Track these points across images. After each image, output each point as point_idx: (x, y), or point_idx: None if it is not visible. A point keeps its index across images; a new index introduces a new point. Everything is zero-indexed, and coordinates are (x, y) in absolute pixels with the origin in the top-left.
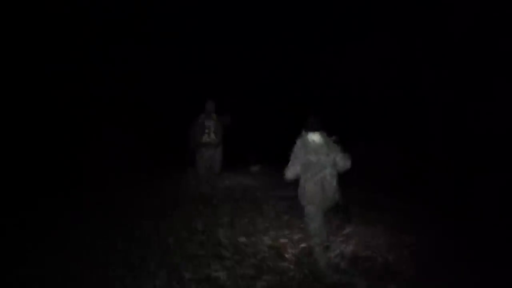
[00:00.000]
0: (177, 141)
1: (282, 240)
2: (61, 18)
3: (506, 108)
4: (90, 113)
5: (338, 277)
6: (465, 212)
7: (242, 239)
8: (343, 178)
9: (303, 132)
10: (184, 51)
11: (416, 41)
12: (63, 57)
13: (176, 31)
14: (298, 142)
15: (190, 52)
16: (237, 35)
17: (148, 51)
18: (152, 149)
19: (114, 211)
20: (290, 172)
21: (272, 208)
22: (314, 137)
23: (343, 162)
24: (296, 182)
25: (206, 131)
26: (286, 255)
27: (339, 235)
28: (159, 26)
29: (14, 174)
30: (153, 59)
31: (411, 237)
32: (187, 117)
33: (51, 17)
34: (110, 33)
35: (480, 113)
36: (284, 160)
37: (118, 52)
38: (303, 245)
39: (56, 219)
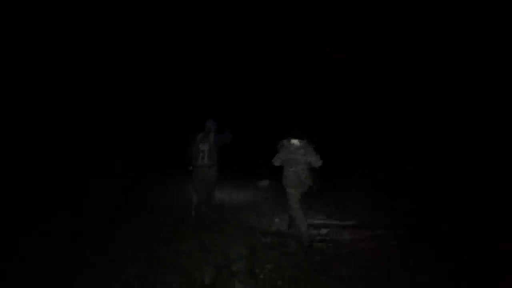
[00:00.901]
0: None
1: None
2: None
3: None
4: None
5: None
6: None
7: None
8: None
9: (288, 138)
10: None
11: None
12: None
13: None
14: (284, 143)
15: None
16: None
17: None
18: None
19: (92, 242)
20: (276, 162)
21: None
22: (295, 142)
23: (315, 161)
24: None
25: (201, 155)
26: None
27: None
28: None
29: None
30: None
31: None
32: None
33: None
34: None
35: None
36: None
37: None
38: None
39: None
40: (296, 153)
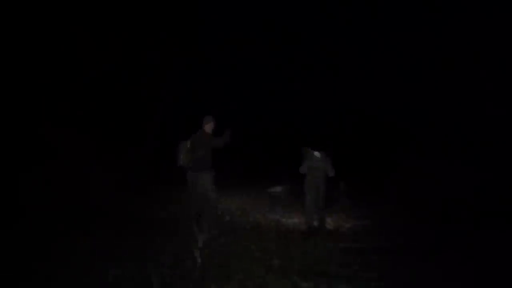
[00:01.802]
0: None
1: None
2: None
3: None
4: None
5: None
6: None
7: None
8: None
9: (310, 149)
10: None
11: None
12: None
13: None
14: (307, 154)
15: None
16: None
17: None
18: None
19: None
20: (302, 170)
21: None
22: (316, 153)
23: (330, 170)
24: None
25: (193, 157)
26: None
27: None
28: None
29: None
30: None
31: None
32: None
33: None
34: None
35: None
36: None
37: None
38: None
39: None
40: (317, 162)
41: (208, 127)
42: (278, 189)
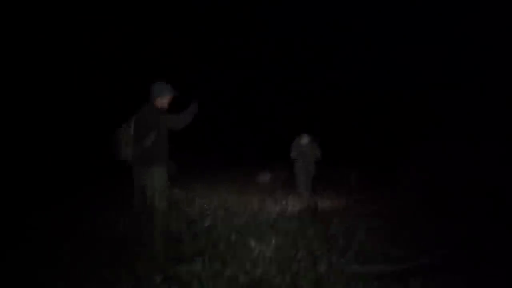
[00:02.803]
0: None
1: None
2: None
3: None
4: None
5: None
6: None
7: None
8: None
9: (299, 135)
10: None
11: None
12: None
13: None
14: (296, 139)
15: None
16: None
17: None
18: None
19: None
20: (292, 155)
21: None
22: (304, 138)
23: (318, 153)
24: None
25: (123, 144)
26: None
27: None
28: None
29: None
30: None
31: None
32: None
33: None
34: None
35: None
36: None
37: None
38: None
39: None
40: (305, 147)
41: (161, 101)
42: (266, 176)
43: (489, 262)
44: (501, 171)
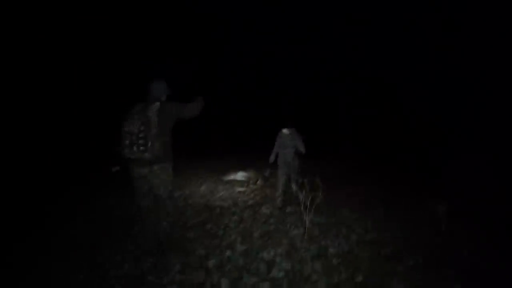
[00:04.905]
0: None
1: None
2: None
3: None
4: None
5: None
6: None
7: None
8: None
9: (282, 128)
10: None
11: None
12: None
13: None
14: (279, 133)
15: None
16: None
17: None
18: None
19: None
20: (275, 149)
21: None
22: (285, 130)
23: (301, 147)
24: None
25: (127, 141)
26: None
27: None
28: None
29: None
30: None
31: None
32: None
33: None
34: None
35: None
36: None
37: None
38: None
39: None
40: (287, 139)
41: (161, 98)
42: (240, 176)
43: None
44: None
